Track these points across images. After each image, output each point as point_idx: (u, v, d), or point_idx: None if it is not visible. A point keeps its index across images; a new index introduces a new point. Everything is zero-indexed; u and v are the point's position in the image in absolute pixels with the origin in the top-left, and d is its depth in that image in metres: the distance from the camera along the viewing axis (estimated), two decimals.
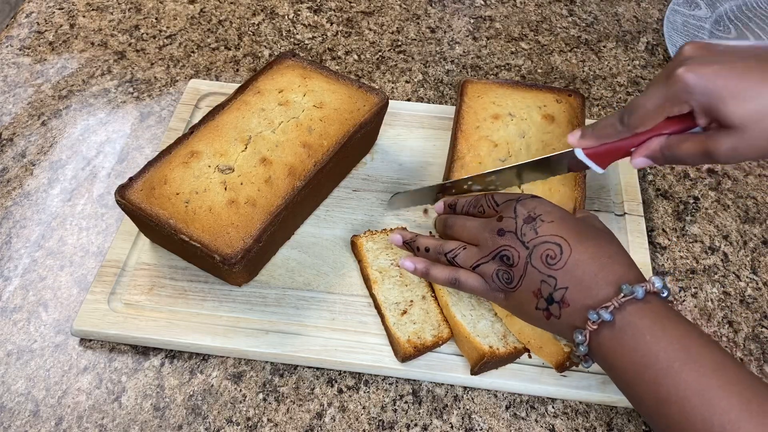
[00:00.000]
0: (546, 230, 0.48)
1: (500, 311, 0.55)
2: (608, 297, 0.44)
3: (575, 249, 0.46)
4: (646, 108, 0.48)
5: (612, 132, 0.51)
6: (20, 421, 0.53)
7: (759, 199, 0.71)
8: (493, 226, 0.51)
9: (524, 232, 0.48)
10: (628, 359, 0.43)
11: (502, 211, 0.52)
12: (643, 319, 0.43)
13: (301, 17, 0.92)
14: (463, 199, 0.58)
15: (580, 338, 0.45)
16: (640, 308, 0.43)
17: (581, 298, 0.45)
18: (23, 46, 0.85)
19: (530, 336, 0.53)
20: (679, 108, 0.46)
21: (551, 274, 0.46)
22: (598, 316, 0.43)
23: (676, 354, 0.41)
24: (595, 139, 0.53)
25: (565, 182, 0.62)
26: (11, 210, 0.67)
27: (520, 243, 0.48)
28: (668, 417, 0.41)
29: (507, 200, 0.53)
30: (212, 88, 0.77)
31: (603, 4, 0.97)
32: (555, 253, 0.46)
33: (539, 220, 0.49)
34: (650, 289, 0.44)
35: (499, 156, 0.64)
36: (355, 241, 0.62)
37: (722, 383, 0.40)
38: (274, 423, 0.54)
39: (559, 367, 0.53)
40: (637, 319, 0.43)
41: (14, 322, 0.59)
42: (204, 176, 0.57)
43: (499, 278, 0.49)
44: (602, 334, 0.44)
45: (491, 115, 0.67)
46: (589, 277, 0.45)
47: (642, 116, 0.49)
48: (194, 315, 0.58)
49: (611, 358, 0.44)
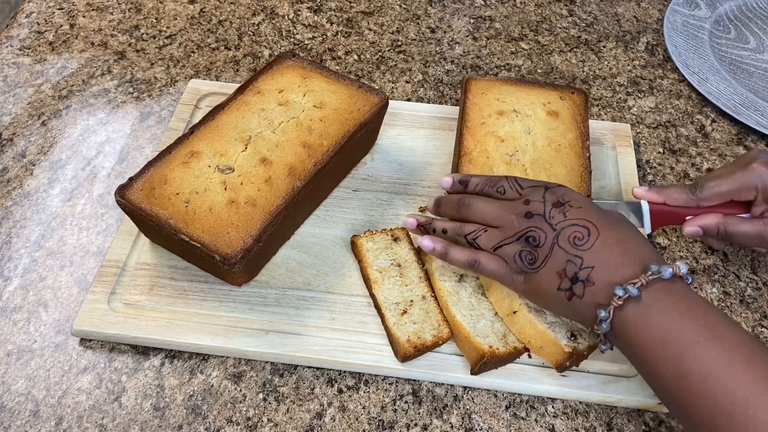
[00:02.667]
0: (574, 215, 0.49)
1: (501, 310, 0.55)
2: (635, 275, 0.45)
3: (603, 233, 0.47)
4: (720, 189, 0.56)
5: (679, 198, 0.58)
6: (20, 421, 0.53)
7: None
8: (520, 209, 0.51)
9: (552, 215, 0.49)
10: (652, 335, 0.43)
11: (528, 195, 0.52)
12: (669, 296, 0.44)
13: (301, 17, 0.92)
14: (476, 177, 0.57)
15: (603, 314, 0.45)
16: (667, 287, 0.44)
17: (607, 276, 0.46)
18: (23, 46, 0.85)
19: (530, 336, 0.53)
20: (747, 194, 0.55)
21: (578, 254, 0.47)
22: (625, 291, 0.44)
23: (701, 330, 0.42)
24: (661, 197, 0.59)
25: (571, 179, 0.62)
26: (11, 210, 0.67)
27: (547, 225, 0.49)
28: (688, 392, 0.41)
29: (533, 185, 0.53)
30: (212, 88, 0.77)
31: (603, 4, 0.97)
32: (582, 235, 0.47)
33: (567, 205, 0.50)
34: (676, 272, 0.45)
35: (506, 151, 0.64)
36: (355, 241, 0.62)
37: (747, 358, 0.40)
38: (274, 423, 0.54)
39: (559, 367, 0.53)
40: (663, 296, 0.44)
41: (14, 322, 0.59)
42: (204, 176, 0.57)
43: (522, 259, 0.49)
44: (627, 310, 0.44)
45: (496, 111, 0.67)
46: (615, 258, 0.46)
47: (713, 195, 0.57)
48: (194, 315, 0.58)
49: (634, 334, 0.44)
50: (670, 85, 0.85)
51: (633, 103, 0.82)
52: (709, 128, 0.79)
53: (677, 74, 0.86)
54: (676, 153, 0.76)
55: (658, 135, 0.78)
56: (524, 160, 0.63)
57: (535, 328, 0.53)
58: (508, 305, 0.54)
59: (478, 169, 0.63)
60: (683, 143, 0.77)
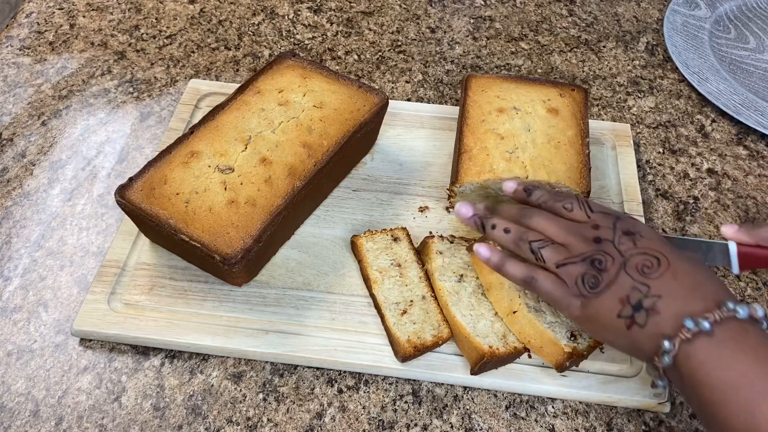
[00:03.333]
0: (645, 244, 0.46)
1: (501, 310, 0.55)
2: (707, 309, 0.42)
3: (673, 264, 0.45)
4: None
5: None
6: (20, 421, 0.53)
7: (759, 199, 0.71)
8: (588, 233, 0.48)
9: (622, 242, 0.47)
10: (722, 377, 0.39)
11: (597, 220, 0.49)
12: (745, 338, 0.40)
13: (301, 17, 0.92)
14: (541, 189, 0.54)
15: (667, 346, 0.41)
16: (743, 328, 0.41)
17: (675, 307, 0.43)
18: (23, 46, 0.85)
19: (530, 336, 0.53)
20: None
21: (645, 282, 0.44)
22: (696, 324, 0.41)
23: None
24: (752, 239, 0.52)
25: (571, 176, 0.62)
26: (11, 210, 0.67)
27: (616, 251, 0.46)
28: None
29: (604, 211, 0.50)
30: (212, 88, 0.77)
31: (603, 4, 0.97)
32: (652, 264, 0.45)
33: (638, 235, 0.47)
34: (753, 313, 0.41)
35: (506, 148, 0.64)
36: (355, 241, 0.62)
37: None
38: (274, 423, 0.54)
39: (558, 367, 0.53)
40: (738, 336, 0.40)
41: (14, 322, 0.59)
42: (204, 176, 0.57)
43: (584, 281, 0.46)
44: (696, 345, 0.41)
45: (496, 108, 0.67)
46: (685, 290, 0.43)
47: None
48: (194, 315, 0.58)
49: (701, 374, 0.40)
50: (670, 85, 0.85)
51: (633, 103, 0.82)
52: (709, 128, 0.79)
53: (677, 74, 0.86)
54: (676, 153, 0.76)
55: (658, 135, 0.78)
56: (524, 157, 0.63)
57: (535, 328, 0.53)
58: (508, 305, 0.54)
59: (478, 166, 0.63)
60: (683, 143, 0.77)
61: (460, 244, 0.61)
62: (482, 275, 0.57)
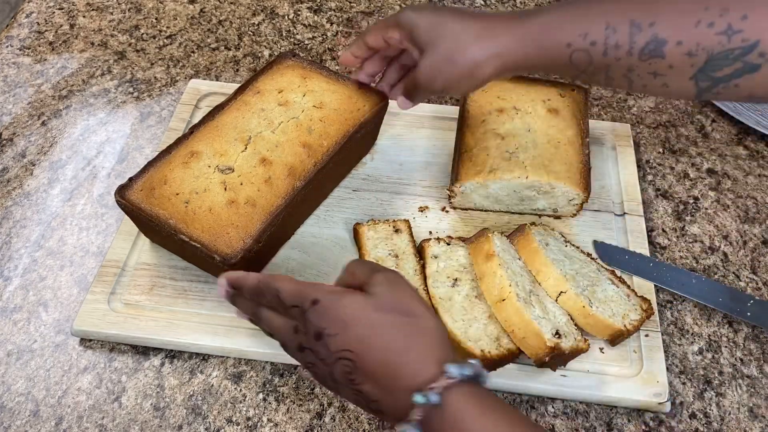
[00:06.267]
0: (335, 346, 0.44)
1: (490, 298, 0.55)
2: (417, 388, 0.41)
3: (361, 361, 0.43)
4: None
5: None
6: (20, 421, 0.53)
7: (759, 199, 0.71)
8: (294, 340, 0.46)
9: (318, 349, 0.45)
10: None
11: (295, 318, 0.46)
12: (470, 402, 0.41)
13: (301, 17, 0.92)
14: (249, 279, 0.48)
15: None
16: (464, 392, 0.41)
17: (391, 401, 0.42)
18: (23, 46, 0.85)
19: (515, 325, 0.53)
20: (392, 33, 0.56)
21: (358, 389, 0.43)
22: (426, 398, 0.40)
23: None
24: None
25: (571, 176, 0.62)
26: (11, 210, 0.67)
27: (319, 361, 0.45)
28: None
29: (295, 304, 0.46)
30: (212, 88, 0.77)
31: None
32: (350, 368, 0.44)
33: (326, 335, 0.44)
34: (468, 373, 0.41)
35: (507, 148, 0.64)
36: (357, 228, 0.62)
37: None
38: (274, 423, 0.54)
39: (538, 361, 0.52)
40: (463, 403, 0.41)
41: (14, 322, 0.59)
42: (204, 176, 0.57)
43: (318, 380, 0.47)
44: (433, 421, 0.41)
45: (496, 108, 0.67)
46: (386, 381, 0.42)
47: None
48: (194, 315, 0.58)
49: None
50: None
51: (633, 103, 0.82)
52: (709, 128, 0.79)
53: None
54: (676, 153, 0.76)
55: (658, 135, 0.78)
56: (524, 157, 0.63)
57: (521, 317, 0.52)
58: (498, 293, 0.54)
59: (478, 166, 0.63)
60: (683, 143, 0.77)
61: (457, 245, 0.61)
62: (476, 264, 0.57)
